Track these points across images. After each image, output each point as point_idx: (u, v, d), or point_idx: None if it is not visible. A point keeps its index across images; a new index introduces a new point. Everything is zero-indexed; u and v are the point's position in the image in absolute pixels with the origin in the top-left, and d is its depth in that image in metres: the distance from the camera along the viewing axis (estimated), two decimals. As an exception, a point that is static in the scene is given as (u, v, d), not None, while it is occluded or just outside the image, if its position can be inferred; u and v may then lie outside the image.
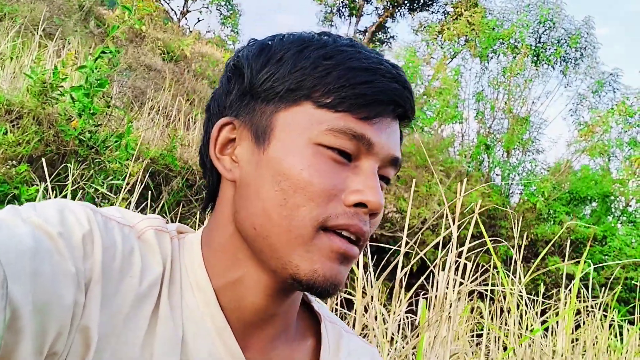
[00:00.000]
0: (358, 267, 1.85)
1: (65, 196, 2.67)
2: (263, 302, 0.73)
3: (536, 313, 2.75)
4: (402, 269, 1.94)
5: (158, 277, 0.70)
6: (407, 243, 1.92)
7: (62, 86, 4.06)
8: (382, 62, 0.72)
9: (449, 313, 1.73)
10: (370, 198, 0.68)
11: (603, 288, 4.12)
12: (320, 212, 0.67)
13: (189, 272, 0.74)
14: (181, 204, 4.62)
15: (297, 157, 0.68)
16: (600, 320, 3.35)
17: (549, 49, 10.70)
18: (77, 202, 0.69)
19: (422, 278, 2.00)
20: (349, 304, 2.43)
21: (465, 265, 1.94)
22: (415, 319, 2.20)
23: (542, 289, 3.50)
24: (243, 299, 0.73)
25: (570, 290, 2.40)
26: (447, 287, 1.83)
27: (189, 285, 0.73)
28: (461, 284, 1.91)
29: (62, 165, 3.65)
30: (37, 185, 3.30)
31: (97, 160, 4.01)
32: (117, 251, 0.67)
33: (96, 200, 3.71)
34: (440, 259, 1.89)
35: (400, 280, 2.04)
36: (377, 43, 18.11)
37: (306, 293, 0.85)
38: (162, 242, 0.73)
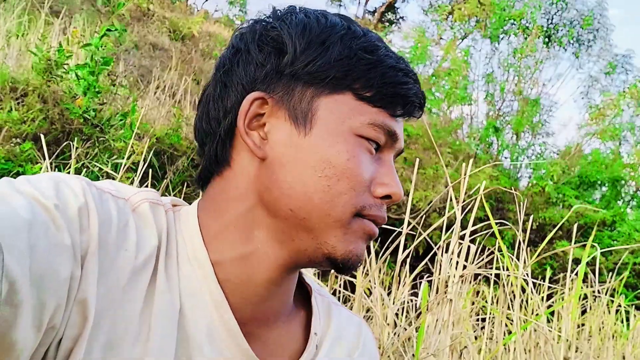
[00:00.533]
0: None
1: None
2: (274, 276, 0.74)
3: (542, 298, 2.72)
4: (405, 250, 1.91)
5: (153, 250, 0.70)
6: (409, 224, 1.89)
7: (67, 64, 4.04)
8: (406, 62, 0.77)
9: (450, 296, 1.70)
10: (396, 190, 0.73)
11: (611, 273, 4.09)
12: (358, 200, 0.71)
13: (186, 245, 0.74)
14: (185, 183, 4.60)
15: (342, 146, 0.71)
16: (607, 305, 3.32)
17: (561, 30, 10.56)
18: (72, 175, 0.68)
19: (426, 259, 1.97)
20: (352, 286, 2.41)
21: (469, 247, 1.91)
22: (419, 302, 2.17)
23: (549, 273, 3.47)
24: (252, 273, 0.73)
25: (576, 274, 2.36)
26: (450, 269, 1.80)
27: (186, 257, 0.73)
28: (464, 266, 1.88)
29: (66, 143, 3.64)
30: (41, 163, 3.28)
31: (101, 138, 3.99)
32: (113, 224, 0.66)
33: (100, 179, 3.70)
34: (444, 241, 1.86)
35: (404, 262, 2.01)
36: (387, 23, 17.92)
37: None
38: (157, 215, 0.73)
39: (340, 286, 2.22)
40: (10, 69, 4.50)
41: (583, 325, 3.21)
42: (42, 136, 2.40)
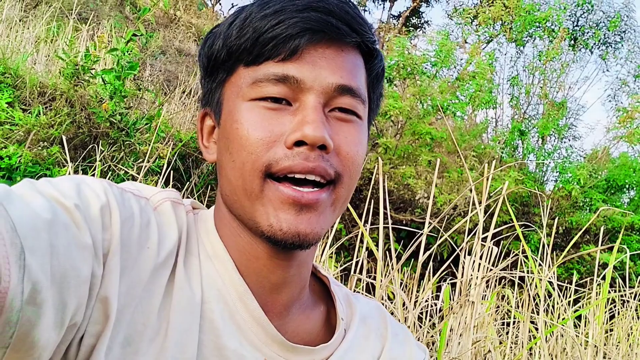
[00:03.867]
0: (378, 250, 1.82)
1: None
2: (268, 263, 0.75)
3: (568, 302, 2.68)
4: (426, 252, 1.89)
5: (174, 246, 0.72)
6: (430, 225, 1.87)
7: (94, 69, 4.10)
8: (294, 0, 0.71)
9: (472, 298, 1.67)
10: (306, 132, 0.67)
11: None
12: (262, 161, 0.68)
13: (205, 244, 0.76)
14: (210, 186, 4.63)
15: (236, 118, 0.71)
16: (636, 310, 3.25)
17: (587, 33, 10.40)
18: (93, 177, 0.69)
19: (449, 261, 1.95)
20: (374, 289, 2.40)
21: (491, 250, 1.88)
22: (441, 305, 2.15)
23: (575, 277, 3.41)
24: (255, 262, 0.75)
25: (603, 278, 2.32)
26: (472, 272, 1.78)
27: (207, 255, 0.75)
28: (488, 269, 1.85)
29: (92, 146, 3.69)
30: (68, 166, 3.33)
31: (127, 142, 4.04)
32: (135, 223, 0.68)
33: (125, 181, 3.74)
34: (467, 244, 1.84)
35: (426, 266, 1.99)
36: (411, 28, 17.82)
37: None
38: (178, 214, 0.76)
39: (362, 289, 2.21)
40: (39, 74, 4.58)
41: (611, 330, 3.15)
42: (64, 139, 2.43)
